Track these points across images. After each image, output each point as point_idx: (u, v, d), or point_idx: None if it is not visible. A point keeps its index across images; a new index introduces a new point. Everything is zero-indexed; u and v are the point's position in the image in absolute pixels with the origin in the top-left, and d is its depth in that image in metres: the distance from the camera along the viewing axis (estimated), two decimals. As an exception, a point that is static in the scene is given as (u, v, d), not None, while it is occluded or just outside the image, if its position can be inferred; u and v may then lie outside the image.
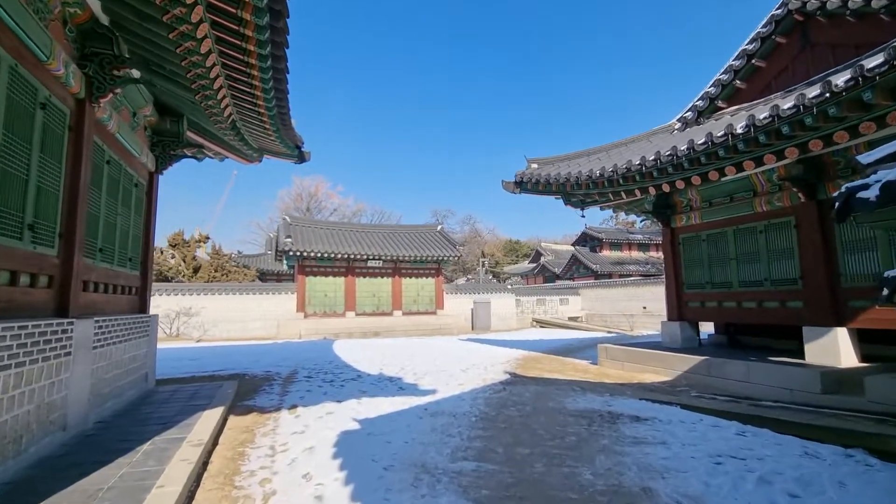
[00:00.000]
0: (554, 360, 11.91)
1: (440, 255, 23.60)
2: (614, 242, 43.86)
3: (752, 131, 6.36)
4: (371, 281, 23.26)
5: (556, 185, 10.35)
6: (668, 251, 10.16)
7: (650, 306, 28.39)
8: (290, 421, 5.78)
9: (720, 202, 9.11)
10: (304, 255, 20.92)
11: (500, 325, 25.52)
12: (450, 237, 26.01)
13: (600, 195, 10.15)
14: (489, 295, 25.99)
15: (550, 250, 57.73)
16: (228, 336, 19.72)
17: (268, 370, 10.08)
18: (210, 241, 31.35)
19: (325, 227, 24.51)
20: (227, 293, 20.21)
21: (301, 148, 10.70)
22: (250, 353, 13.35)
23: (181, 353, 13.43)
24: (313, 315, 21.63)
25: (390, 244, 23.90)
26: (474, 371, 9.83)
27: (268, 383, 8.50)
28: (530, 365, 10.86)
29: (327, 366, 10.76)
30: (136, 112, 6.82)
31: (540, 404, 6.60)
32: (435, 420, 5.76)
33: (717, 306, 9.16)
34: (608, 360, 10.16)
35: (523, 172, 11.18)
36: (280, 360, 11.76)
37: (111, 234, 5.96)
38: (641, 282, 30.03)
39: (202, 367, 10.65)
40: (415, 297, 24.06)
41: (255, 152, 9.61)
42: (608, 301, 31.68)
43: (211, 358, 12.36)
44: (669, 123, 10.58)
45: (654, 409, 6.17)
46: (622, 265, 40.96)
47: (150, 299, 7.61)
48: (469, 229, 66.39)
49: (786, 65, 8.53)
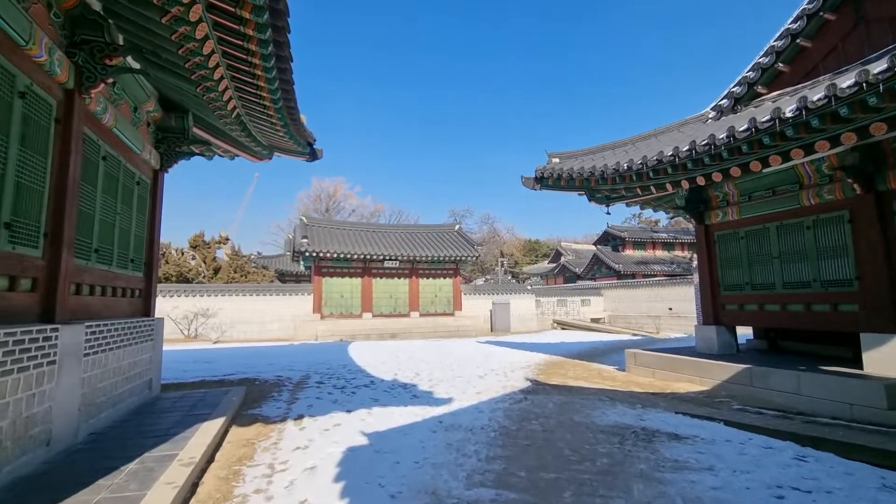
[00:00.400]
0: (578, 365, 11.28)
1: (458, 255, 23.11)
2: (638, 241, 42.59)
3: (803, 114, 5.67)
4: (388, 282, 22.93)
5: (579, 180, 9.74)
6: (703, 250, 9.43)
7: (676, 307, 27.34)
8: (294, 434, 5.37)
9: (761, 196, 8.36)
10: (321, 255, 20.71)
11: (520, 326, 24.87)
12: (468, 237, 25.50)
13: (627, 190, 9.50)
14: (508, 296, 25.37)
15: (571, 250, 56.71)
16: (246, 337, 19.65)
17: (279, 375, 9.76)
18: (230, 242, 31.61)
19: (342, 227, 24.30)
20: (244, 294, 20.15)
21: (313, 145, 10.37)
22: (264, 356, 13.10)
23: (197, 356, 13.28)
24: (330, 316, 21.41)
25: (407, 244, 23.53)
26: (493, 377, 9.30)
27: (277, 389, 8.16)
28: (553, 371, 10.27)
29: (340, 370, 10.39)
30: (138, 107, 6.54)
31: (565, 417, 6.05)
32: (450, 435, 5.27)
33: (757, 309, 8.41)
34: (637, 367, 9.50)
35: (543, 167, 10.60)
36: (293, 364, 11.46)
37: (108, 233, 5.66)
38: (667, 282, 28.94)
39: (214, 370, 10.41)
40: (432, 299, 23.62)
41: (264, 150, 9.31)
42: (632, 302, 30.70)
43: (225, 360, 12.14)
44: (702, 113, 9.85)
45: (693, 426, 5.55)
46: (646, 265, 39.72)
47: (156, 302, 7.34)
48: (487, 229, 65.67)
49: (835, 44, 7.74)
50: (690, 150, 7.21)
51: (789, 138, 6.12)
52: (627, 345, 16.40)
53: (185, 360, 12.34)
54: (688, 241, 43.69)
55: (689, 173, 7.94)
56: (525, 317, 25.49)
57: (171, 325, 18.48)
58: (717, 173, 7.70)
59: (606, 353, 14.07)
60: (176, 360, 12.28)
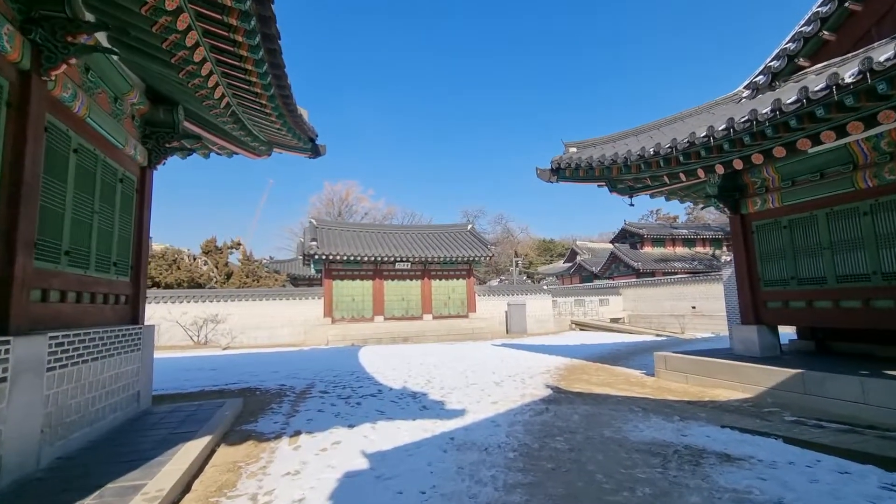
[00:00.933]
0: (601, 369, 10.50)
1: (471, 255, 22.42)
2: (657, 238, 41.28)
3: (866, 78, 4.87)
4: (400, 284, 22.35)
5: (599, 170, 9.00)
6: (739, 242, 8.58)
7: (701, 306, 26.22)
8: (287, 455, 4.76)
9: (806, 180, 7.51)
10: (330, 258, 20.24)
11: (537, 328, 24.05)
12: (481, 236, 24.80)
13: (653, 178, 8.73)
14: (524, 296, 24.57)
15: (586, 249, 55.61)
16: (255, 343, 19.27)
17: (283, 383, 9.21)
18: (242, 246, 31.47)
19: (352, 229, 23.83)
20: (253, 299, 19.78)
21: (315, 140, 9.83)
22: (271, 363, 12.61)
23: (203, 363, 12.86)
24: (341, 320, 20.92)
25: (419, 245, 22.93)
26: (510, 385, 8.60)
27: (278, 400, 7.59)
28: (575, 376, 9.52)
29: (347, 378, 9.80)
30: (120, 98, 6.05)
31: (594, 432, 5.32)
32: (462, 456, 4.60)
33: (805, 307, 7.55)
34: (668, 371, 8.69)
35: (560, 158, 9.87)
36: (299, 371, 10.92)
37: (83, 234, 5.15)
38: (690, 279, 27.80)
39: (217, 379, 9.92)
40: (445, 300, 22.97)
41: (262, 145, 8.79)
42: (652, 301, 29.64)
43: (230, 368, 11.68)
44: (734, 92, 9.02)
45: (746, 443, 4.78)
46: (666, 262, 38.43)
47: (145, 308, 6.85)
48: (501, 229, 64.78)
49: (891, 5, 6.87)
50: (728, 128, 6.42)
51: (848, 108, 5.31)
52: (652, 346, 15.49)
53: (190, 367, 11.92)
54: (709, 236, 42.22)
55: (724, 156, 7.15)
56: (542, 318, 24.66)
57: (181, 331, 18.21)
58: (757, 155, 6.89)
59: (630, 355, 13.22)
60: (181, 367, 11.87)
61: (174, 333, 18.20)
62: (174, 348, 17.11)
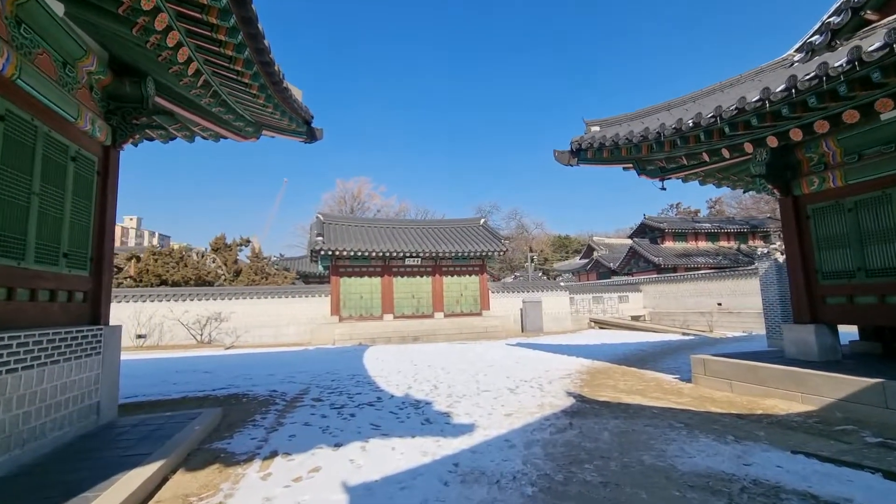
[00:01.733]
0: (628, 373, 9.43)
1: (484, 249, 21.42)
2: (678, 232, 39.65)
3: None
4: (409, 281, 21.48)
5: (626, 148, 7.94)
6: (791, 229, 7.43)
7: (727, 303, 24.81)
8: (252, 486, 3.88)
9: (877, 154, 6.34)
10: (337, 254, 19.46)
11: (554, 326, 22.95)
12: (494, 231, 23.78)
13: (690, 157, 7.63)
14: (540, 293, 23.47)
15: (603, 244, 54.18)
16: (260, 342, 18.61)
17: (275, 389, 8.38)
18: (251, 243, 30.97)
19: (360, 224, 23.02)
20: (258, 297, 19.12)
21: (310, 123, 9.00)
22: (269, 364, 11.84)
23: (199, 364, 12.16)
24: (348, 319, 20.14)
25: (429, 240, 22.02)
26: (527, 391, 7.62)
27: (263, 410, 6.74)
28: (599, 381, 8.49)
29: (346, 382, 8.94)
30: (71, 64, 5.23)
31: (631, 457, 4.32)
32: (468, 491, 3.65)
33: (877, 302, 6.38)
34: (707, 377, 7.60)
35: (581, 138, 8.83)
36: (297, 373, 10.10)
37: (15, 218, 4.34)
38: (715, 275, 26.36)
39: (206, 382, 9.16)
40: (457, 298, 22.03)
41: (248, 126, 7.95)
42: (675, 297, 28.28)
43: (225, 369, 10.94)
44: (783, 57, 7.84)
45: (831, 477, 3.72)
46: (688, 257, 36.82)
47: (109, 305, 6.04)
48: (515, 224, 63.46)
49: None
50: (789, 88, 5.32)
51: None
52: (681, 347, 14.32)
53: (184, 369, 11.22)
54: (734, 230, 40.42)
55: (780, 125, 6.04)
56: (559, 316, 23.54)
57: (184, 330, 17.63)
58: (821, 122, 5.76)
59: (659, 356, 12.10)
60: (174, 369, 11.17)
61: (177, 332, 17.64)
62: (176, 348, 16.53)
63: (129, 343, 16.76)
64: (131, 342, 16.77)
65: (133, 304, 17.37)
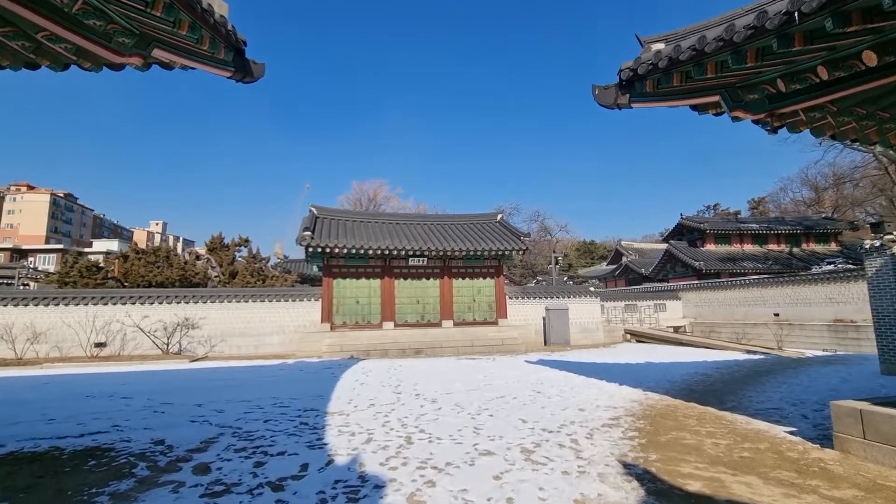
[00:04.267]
0: (707, 416, 6.26)
1: (501, 248, 18.37)
2: (720, 234, 35.62)
3: None
4: (414, 283, 18.59)
5: (717, 64, 4.90)
6: None
7: (786, 313, 21.07)
8: None
9: None
10: (330, 251, 16.73)
11: (583, 338, 19.65)
12: (513, 227, 20.68)
13: (833, 64, 4.48)
14: (566, 299, 20.21)
15: (633, 249, 50.52)
16: (238, 353, 15.98)
17: (162, 438, 5.53)
18: (249, 244, 28.77)
19: (358, 218, 20.25)
20: (236, 300, 16.53)
21: (243, 53, 6.28)
22: (211, 389, 9.08)
23: (130, 385, 9.53)
24: (342, 327, 17.36)
25: (437, 237, 19.12)
26: (554, 459, 4.56)
27: (93, 491, 3.92)
28: (668, 433, 5.36)
29: (285, 424, 6.06)
30: None
31: None
32: None
33: None
34: (868, 444, 4.41)
35: (637, 60, 5.78)
36: (229, 405, 7.30)
37: None
38: (770, 281, 22.62)
39: (97, 419, 6.45)
40: (469, 304, 19.00)
41: (129, 38, 5.22)
42: (721, 306, 24.67)
43: (149, 396, 8.23)
44: None
45: None
46: (733, 262, 32.79)
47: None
48: (538, 227, 59.99)
49: None
50: None
51: None
52: (756, 370, 10.93)
53: (102, 393, 8.58)
54: (785, 231, 36.05)
55: None
56: (588, 326, 20.22)
57: (145, 339, 15.16)
58: None
59: (735, 386, 8.81)
60: (91, 392, 8.57)
61: (142, 341, 15.19)
62: (134, 359, 14.03)
63: (81, 353, 14.38)
64: (84, 352, 14.38)
65: (90, 306, 15.02)
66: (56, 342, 14.68)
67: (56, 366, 13.01)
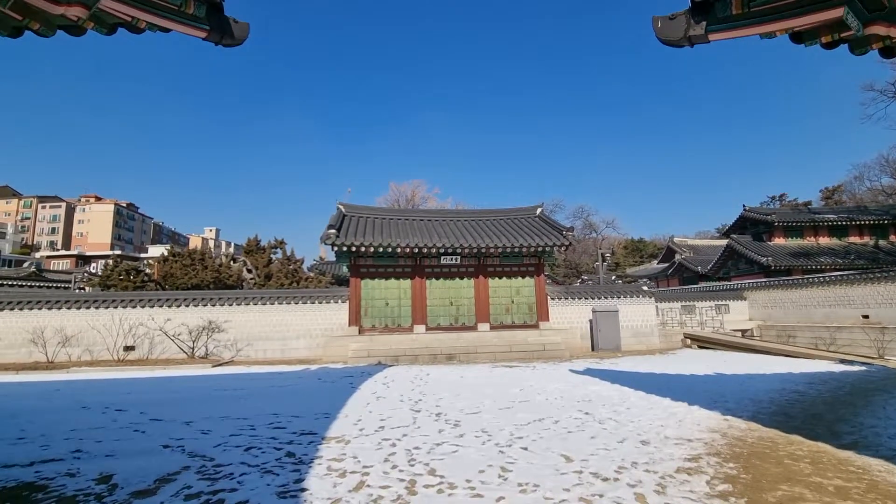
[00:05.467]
0: (821, 458, 4.53)
1: (542, 244, 16.73)
2: (791, 226, 31.94)
3: None
4: (446, 283, 17.31)
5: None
6: None
7: (879, 315, 18.06)
8: None
9: None
10: (356, 250, 15.77)
11: (635, 343, 17.63)
12: (554, 221, 18.96)
13: None
14: (615, 300, 18.25)
15: (686, 246, 46.95)
16: (264, 358, 15.33)
17: (113, 472, 4.53)
18: (284, 245, 28.58)
19: (387, 215, 19.21)
20: (262, 303, 15.89)
21: (219, 8, 5.21)
22: (214, 400, 8.18)
23: (131, 396, 8.85)
24: (371, 330, 16.35)
25: (472, 233, 17.75)
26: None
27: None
28: (772, 485, 3.73)
29: (267, 455, 4.92)
30: None
31: None
32: None
33: None
34: None
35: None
36: (218, 424, 6.29)
37: None
38: (857, 277, 19.54)
39: (69, 440, 5.61)
40: (507, 305, 17.48)
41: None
42: (795, 307, 21.73)
43: (140, 409, 7.42)
44: None
45: None
46: (808, 257, 29.20)
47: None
48: (582, 224, 57.01)
49: None
50: None
51: None
52: (860, 385, 8.79)
53: (101, 404, 7.88)
54: (869, 222, 31.81)
55: None
56: (641, 330, 18.15)
57: (169, 343, 14.76)
58: None
59: (846, 410, 6.86)
60: (91, 403, 7.88)
61: (170, 345, 14.82)
62: (158, 364, 13.62)
63: (108, 357, 14.15)
64: (111, 356, 14.14)
65: (117, 309, 14.82)
66: (87, 345, 14.57)
67: (83, 370, 12.77)
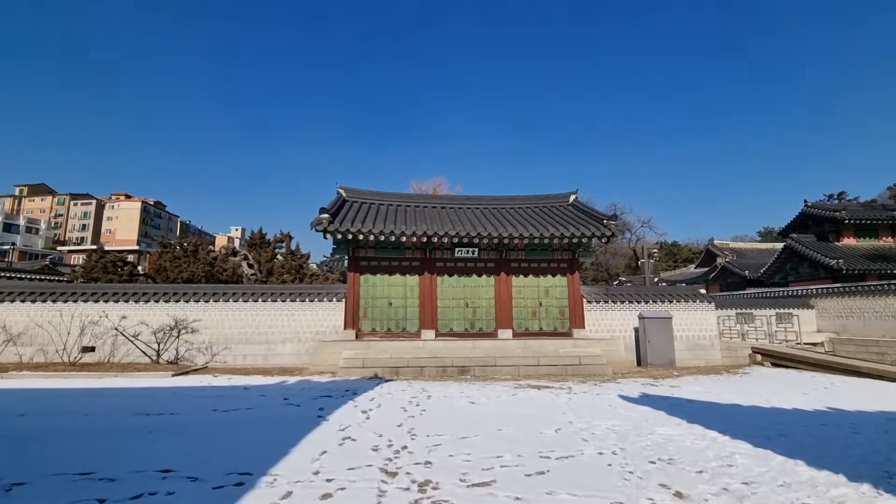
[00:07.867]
0: None
1: (577, 234, 13.80)
2: (864, 225, 27.79)
3: None
4: (462, 281, 14.55)
5: None
6: None
7: None
8: None
9: None
10: (353, 237, 13.20)
11: (691, 358, 14.44)
12: (592, 210, 15.96)
13: None
14: (667, 304, 15.10)
15: (728, 249, 43.17)
16: (244, 364, 12.92)
17: None
18: (289, 239, 26.41)
19: (393, 200, 16.52)
20: (243, 300, 13.50)
21: None
22: (110, 434, 5.62)
23: (20, 419, 6.45)
24: (370, 334, 13.73)
25: (493, 222, 14.95)
26: None
27: None
28: None
29: None
30: None
31: None
32: None
33: None
34: None
35: None
36: (44, 493, 3.72)
37: None
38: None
39: None
40: (534, 308, 14.57)
41: None
42: (877, 318, 18.27)
43: (58, 440, 4.95)
44: None
45: None
46: (886, 260, 25.10)
47: None
48: (614, 224, 53.03)
49: None
50: None
51: None
52: None
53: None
54: (958, 220, 27.32)
55: None
56: (699, 341, 14.92)
57: (130, 343, 12.48)
58: None
59: None
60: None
61: (134, 348, 12.58)
62: (113, 369, 11.33)
63: (65, 358, 11.96)
64: (66, 357, 11.94)
65: (67, 304, 12.69)
66: (41, 345, 12.49)
67: (22, 375, 10.61)
